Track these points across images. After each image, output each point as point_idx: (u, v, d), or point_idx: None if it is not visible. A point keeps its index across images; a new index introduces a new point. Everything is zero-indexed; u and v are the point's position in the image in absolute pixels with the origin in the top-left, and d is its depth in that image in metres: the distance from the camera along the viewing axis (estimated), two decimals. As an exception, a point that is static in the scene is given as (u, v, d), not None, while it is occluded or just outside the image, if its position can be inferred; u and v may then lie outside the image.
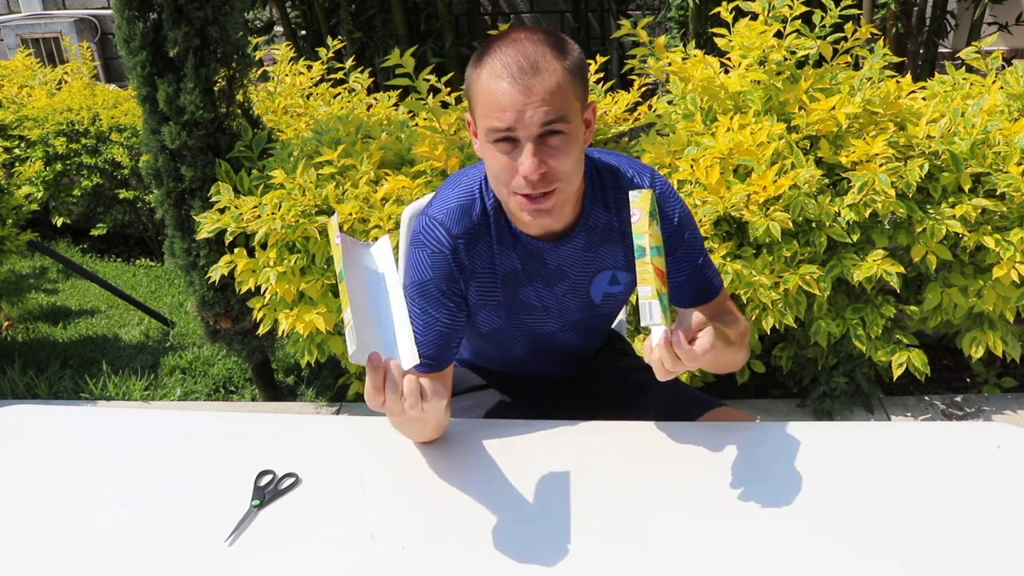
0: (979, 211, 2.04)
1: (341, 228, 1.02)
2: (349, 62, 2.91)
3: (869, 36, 2.26)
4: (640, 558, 1.01)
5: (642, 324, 1.01)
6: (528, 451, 1.24)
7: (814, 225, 2.08)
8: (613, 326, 1.69)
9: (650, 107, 2.59)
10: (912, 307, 2.23)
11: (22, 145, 3.74)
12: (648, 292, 1.00)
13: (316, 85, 2.95)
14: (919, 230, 2.05)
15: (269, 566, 1.04)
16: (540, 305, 1.27)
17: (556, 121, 1.04)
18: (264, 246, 2.19)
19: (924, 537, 1.02)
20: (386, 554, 1.04)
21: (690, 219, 1.25)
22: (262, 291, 2.20)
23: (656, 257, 1.01)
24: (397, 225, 1.88)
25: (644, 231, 1.02)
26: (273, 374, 2.80)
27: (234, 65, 2.28)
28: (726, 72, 2.31)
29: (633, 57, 2.50)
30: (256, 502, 1.13)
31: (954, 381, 2.60)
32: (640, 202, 1.03)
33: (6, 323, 3.36)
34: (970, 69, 2.58)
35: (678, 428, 1.26)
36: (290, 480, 1.18)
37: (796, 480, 1.14)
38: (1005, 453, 1.18)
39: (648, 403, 1.38)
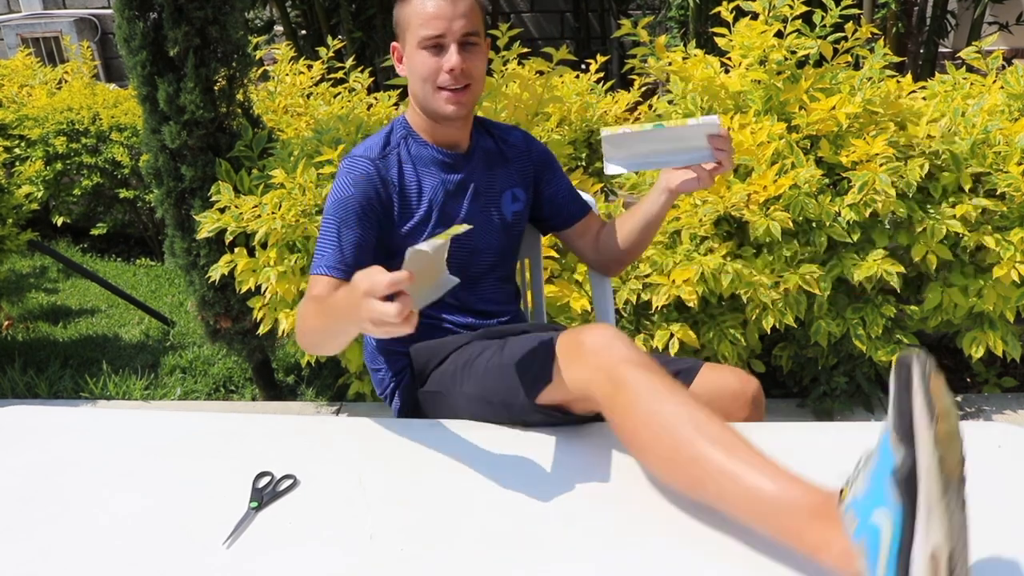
0: (979, 211, 2.04)
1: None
2: (349, 62, 2.91)
3: (869, 36, 2.26)
4: (640, 559, 1.01)
5: (714, 123, 1.31)
6: (527, 453, 1.24)
7: (814, 225, 2.08)
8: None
9: (650, 107, 2.59)
10: (912, 307, 2.23)
11: (22, 145, 3.75)
12: (693, 120, 1.32)
13: (316, 85, 2.95)
14: (919, 230, 2.05)
15: (268, 568, 1.04)
16: (466, 221, 1.44)
17: (473, 34, 1.34)
18: (264, 246, 2.19)
19: (924, 537, 1.01)
20: (385, 555, 1.04)
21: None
22: (262, 291, 2.20)
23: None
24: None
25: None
26: (273, 374, 2.80)
27: (234, 65, 2.28)
28: (726, 72, 2.31)
29: (633, 57, 2.50)
30: (254, 504, 1.13)
31: (954, 381, 2.60)
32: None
33: (6, 323, 3.37)
34: (970, 69, 2.58)
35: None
36: (288, 482, 1.17)
37: (796, 480, 1.14)
38: (1005, 453, 1.18)
39: None
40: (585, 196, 1.68)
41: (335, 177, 1.42)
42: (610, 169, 1.40)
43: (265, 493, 1.15)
